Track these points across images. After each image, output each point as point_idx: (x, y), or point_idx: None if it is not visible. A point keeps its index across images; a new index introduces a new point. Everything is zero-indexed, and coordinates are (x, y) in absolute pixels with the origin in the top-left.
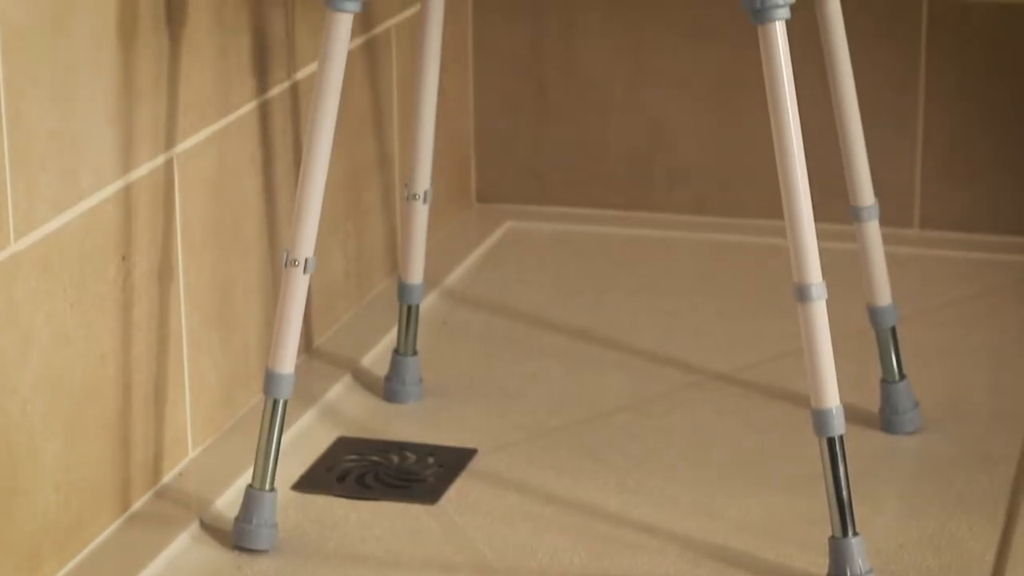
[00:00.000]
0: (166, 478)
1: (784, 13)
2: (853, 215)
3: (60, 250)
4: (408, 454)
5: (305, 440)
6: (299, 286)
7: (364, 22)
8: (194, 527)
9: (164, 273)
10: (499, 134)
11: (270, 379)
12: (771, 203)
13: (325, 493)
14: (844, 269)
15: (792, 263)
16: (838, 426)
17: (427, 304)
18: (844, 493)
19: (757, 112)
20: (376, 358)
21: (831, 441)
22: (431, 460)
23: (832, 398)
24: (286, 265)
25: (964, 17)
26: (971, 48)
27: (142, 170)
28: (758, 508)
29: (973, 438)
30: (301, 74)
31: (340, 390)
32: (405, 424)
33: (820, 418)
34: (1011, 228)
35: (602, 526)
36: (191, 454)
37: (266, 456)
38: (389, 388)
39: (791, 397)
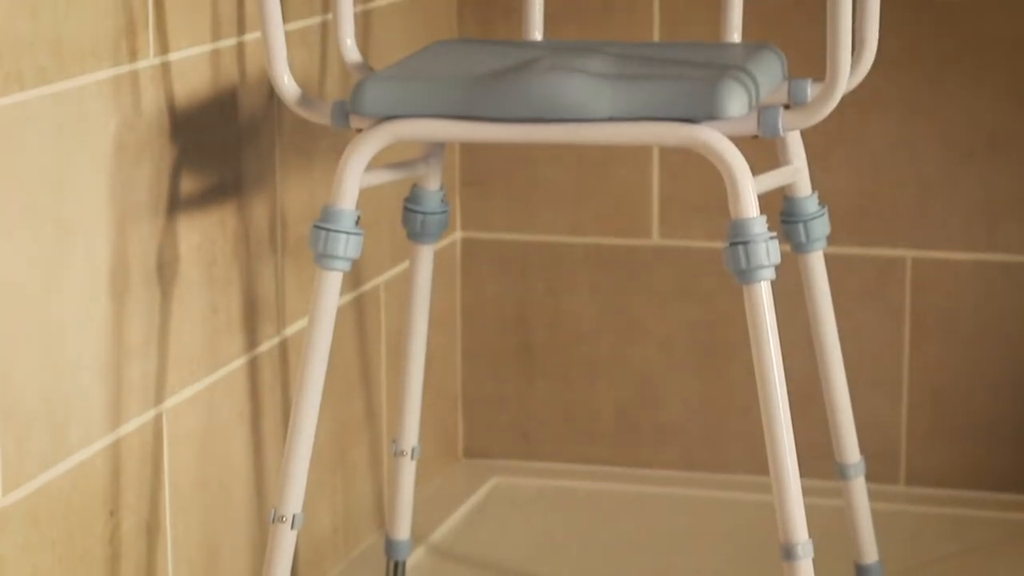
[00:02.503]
0: None
1: (769, 274)
2: (839, 472)
3: (49, 504)
4: None
5: None
6: (286, 542)
7: (353, 279)
8: None
9: (152, 528)
10: (486, 390)
11: None
12: (757, 459)
13: None
14: (830, 526)
15: (778, 521)
16: None
17: (414, 560)
18: None
19: (743, 370)
20: None
21: None
22: None
23: None
24: (273, 521)
25: (948, 276)
26: (955, 308)
27: (131, 425)
28: None
29: None
30: (290, 330)
31: None
32: None
33: None
34: (997, 485)
35: None
36: None
37: None
38: None
39: None
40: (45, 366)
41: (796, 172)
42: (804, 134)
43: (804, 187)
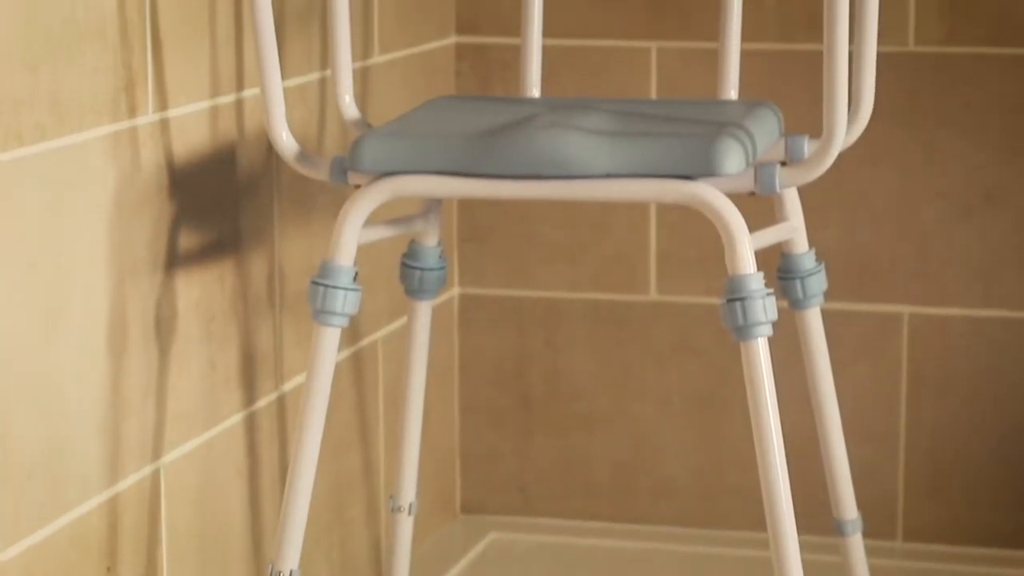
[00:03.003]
0: None
1: (766, 330)
2: (836, 528)
3: (45, 561)
4: None
5: None
6: None
7: (351, 334)
8: None
9: None
10: (484, 446)
11: None
12: (755, 515)
13: None
14: None
15: None
16: None
17: None
18: None
19: (740, 425)
20: None
21: None
22: None
23: None
24: None
25: (946, 332)
26: (953, 363)
27: (128, 481)
28: None
29: None
30: (288, 385)
31: None
32: None
33: None
34: (994, 541)
35: None
36: None
37: None
38: None
39: None
40: (43, 420)
41: (793, 228)
42: (801, 190)
43: (801, 243)
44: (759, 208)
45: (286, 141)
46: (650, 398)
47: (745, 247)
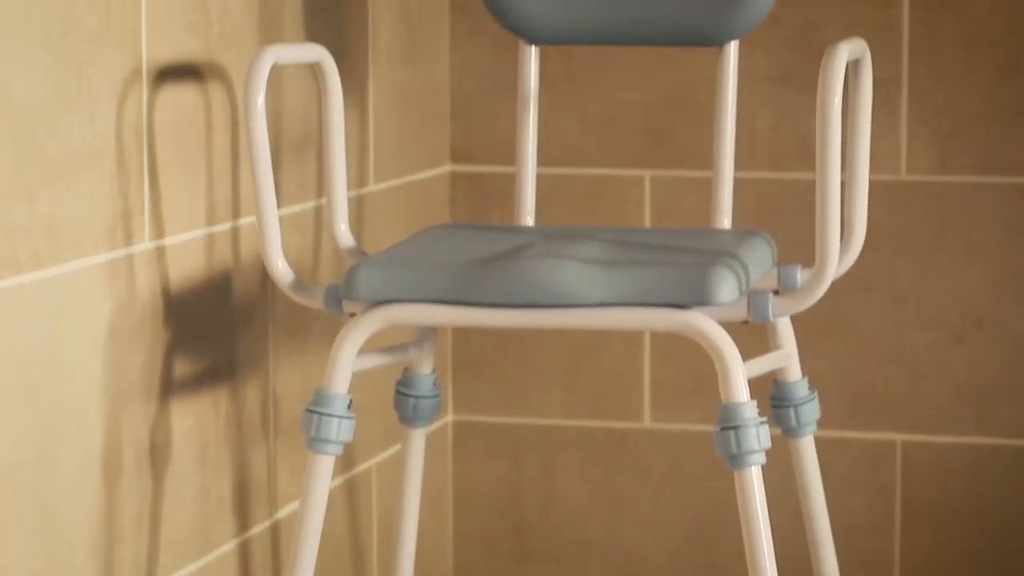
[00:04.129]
0: None
1: (759, 459)
2: None
3: None
4: None
5: None
6: None
7: (346, 461)
8: None
9: None
10: (478, 573)
11: None
12: None
13: None
14: None
15: None
16: None
17: None
18: None
19: (734, 552)
20: None
21: None
22: None
23: None
24: None
25: (939, 459)
26: (946, 491)
27: None
28: None
29: None
30: (282, 513)
31: None
32: None
33: None
34: None
35: None
36: None
37: None
38: None
39: None
40: (37, 546)
41: (786, 357)
42: (794, 317)
43: (794, 372)
44: (752, 335)
45: (282, 269)
46: (644, 526)
47: (738, 376)
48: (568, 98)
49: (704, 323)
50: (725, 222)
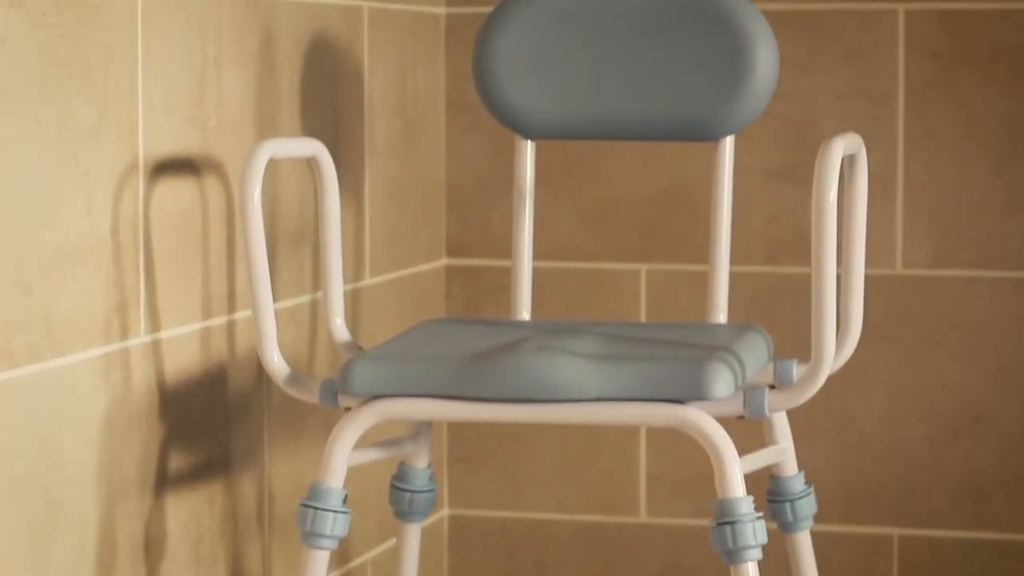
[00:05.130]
0: None
1: (756, 554)
2: None
3: None
4: None
5: None
6: None
7: (341, 555)
8: None
9: None
10: None
11: None
12: None
13: None
14: None
15: None
16: None
17: None
18: None
19: None
20: None
21: None
22: None
23: None
24: None
25: (935, 554)
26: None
27: None
28: None
29: None
30: None
31: None
32: None
33: None
34: None
35: None
36: None
37: None
38: None
39: None
40: None
41: (782, 452)
42: (790, 412)
43: (790, 466)
44: (749, 428)
45: (277, 364)
46: None
47: (734, 471)
48: (564, 192)
49: (700, 418)
50: (721, 316)
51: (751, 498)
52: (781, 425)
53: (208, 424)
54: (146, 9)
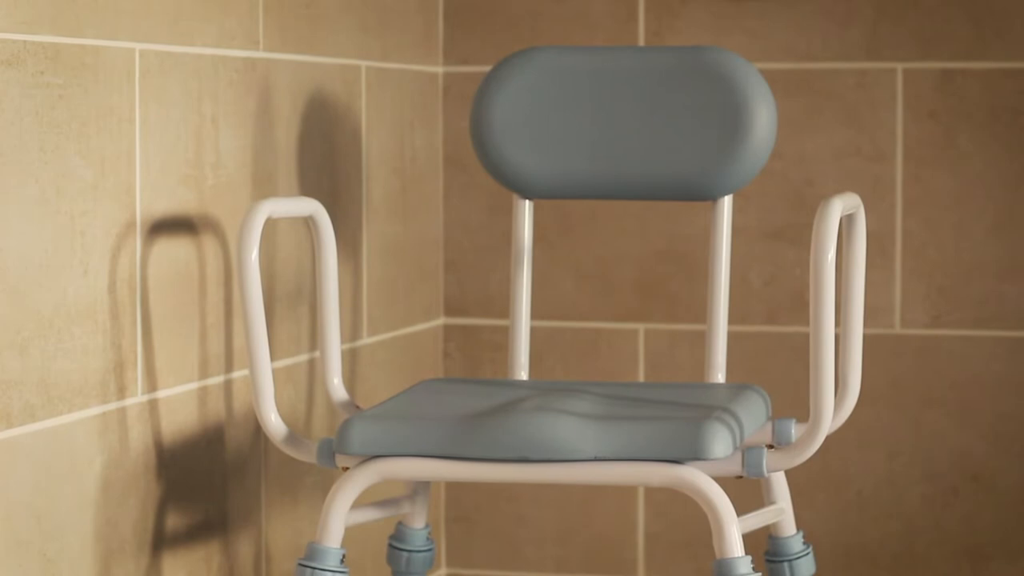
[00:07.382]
0: None
1: None
2: None
3: None
4: None
5: None
6: None
7: None
8: None
9: None
10: None
11: None
12: None
13: None
14: None
15: None
16: None
17: None
18: None
19: None
20: None
21: None
22: None
23: None
24: None
25: None
26: None
27: None
28: None
29: None
30: None
31: None
32: None
33: None
34: None
35: None
36: None
37: None
38: None
39: None
40: None
41: (780, 511)
42: (788, 471)
43: (789, 526)
44: (747, 487)
45: (274, 423)
46: None
47: (733, 531)
48: (562, 251)
49: (698, 478)
50: (719, 376)
51: (749, 558)
52: (779, 485)
53: (205, 484)
54: (143, 68)
